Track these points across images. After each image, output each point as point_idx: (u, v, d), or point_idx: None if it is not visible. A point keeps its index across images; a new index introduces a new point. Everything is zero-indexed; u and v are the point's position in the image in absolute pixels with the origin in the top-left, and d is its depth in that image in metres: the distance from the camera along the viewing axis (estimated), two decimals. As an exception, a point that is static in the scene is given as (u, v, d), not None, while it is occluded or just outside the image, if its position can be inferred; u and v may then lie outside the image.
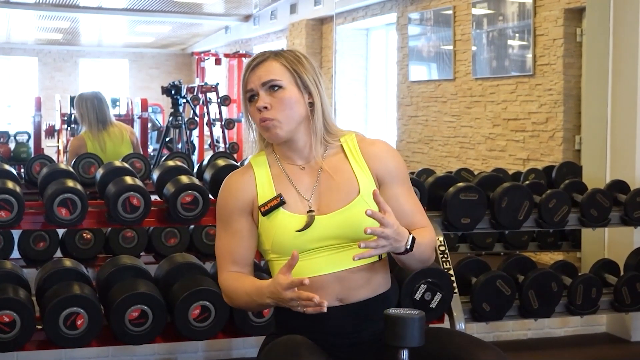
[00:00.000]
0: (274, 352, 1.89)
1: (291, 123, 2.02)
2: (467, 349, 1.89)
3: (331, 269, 2.00)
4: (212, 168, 3.70)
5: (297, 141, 2.05)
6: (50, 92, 16.64)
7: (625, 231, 4.40)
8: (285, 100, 2.01)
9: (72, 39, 17.84)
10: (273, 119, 2.00)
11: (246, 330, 3.23)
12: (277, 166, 2.08)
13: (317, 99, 2.05)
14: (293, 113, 2.02)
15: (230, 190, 2.08)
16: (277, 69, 2.03)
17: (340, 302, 2.01)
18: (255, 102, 2.03)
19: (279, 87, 2.01)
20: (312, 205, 2.02)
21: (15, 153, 8.10)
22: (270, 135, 2.02)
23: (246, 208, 2.06)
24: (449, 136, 8.46)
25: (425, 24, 8.97)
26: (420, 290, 3.24)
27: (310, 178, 2.05)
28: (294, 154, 2.07)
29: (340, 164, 2.06)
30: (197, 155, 9.48)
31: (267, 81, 2.01)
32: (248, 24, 14.24)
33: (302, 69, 2.04)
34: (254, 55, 2.09)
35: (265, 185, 2.05)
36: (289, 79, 2.03)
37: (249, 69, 2.05)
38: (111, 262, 3.37)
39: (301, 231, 1.98)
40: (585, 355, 4.26)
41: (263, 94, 2.01)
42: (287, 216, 2.00)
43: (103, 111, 5.04)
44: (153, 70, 19.47)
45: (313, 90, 2.04)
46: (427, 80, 9.00)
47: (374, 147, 2.09)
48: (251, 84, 2.03)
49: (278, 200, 2.01)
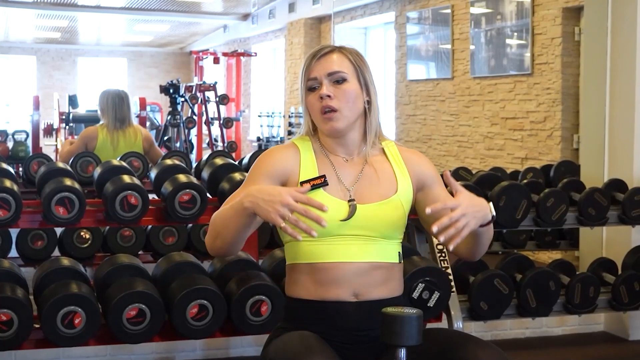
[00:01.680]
0: (284, 347, 1.89)
1: (351, 117, 2.06)
2: (466, 348, 1.89)
3: (354, 258, 2.01)
4: (210, 167, 3.70)
5: (349, 137, 2.09)
6: (49, 90, 16.64)
7: (623, 230, 4.40)
8: (349, 93, 2.05)
9: (70, 38, 17.84)
10: (336, 109, 2.03)
11: (244, 329, 3.22)
12: (322, 153, 2.10)
13: (374, 98, 2.10)
14: (354, 107, 2.06)
15: (273, 156, 2.09)
16: (343, 61, 2.07)
17: (356, 298, 2.02)
18: (316, 92, 2.05)
19: (343, 80, 2.05)
20: (352, 195, 2.04)
21: (13, 152, 8.09)
22: (330, 127, 2.05)
23: (279, 177, 2.05)
24: (447, 135, 8.47)
25: (424, 23, 8.97)
26: (418, 289, 3.24)
27: (354, 170, 2.09)
28: (340, 147, 2.10)
29: (383, 164, 2.11)
30: (195, 154, 9.48)
31: (333, 72, 2.05)
32: (246, 22, 14.24)
33: (364, 66, 2.09)
34: (319, 46, 2.11)
35: (309, 165, 2.07)
36: (352, 73, 2.07)
37: (314, 58, 2.07)
38: (109, 261, 3.37)
39: (346, 220, 1.99)
40: (583, 354, 4.26)
41: (327, 84, 2.04)
42: (326, 198, 2.01)
43: (123, 110, 5.07)
44: (151, 69, 19.47)
45: (372, 88, 2.10)
46: (425, 79, 9.01)
47: (413, 155, 2.16)
48: (315, 73, 2.06)
49: (322, 180, 2.02)
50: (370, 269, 2.03)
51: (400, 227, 2.08)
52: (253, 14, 13.74)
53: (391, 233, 2.05)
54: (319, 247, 2.02)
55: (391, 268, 2.06)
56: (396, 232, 2.07)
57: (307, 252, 2.03)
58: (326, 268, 2.01)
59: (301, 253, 2.04)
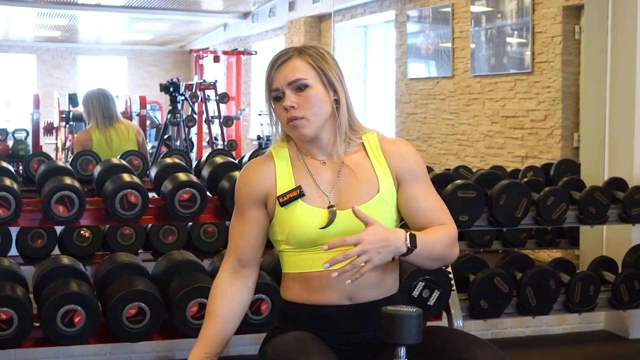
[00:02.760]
0: (282, 347, 1.89)
1: (318, 121, 2.01)
2: (465, 347, 1.88)
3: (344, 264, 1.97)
4: (210, 165, 3.70)
5: (321, 139, 2.05)
6: (49, 89, 16.64)
7: (624, 229, 4.40)
8: (312, 98, 2.00)
9: (70, 36, 17.82)
10: (302, 117, 1.99)
11: (243, 328, 3.22)
12: (299, 159, 2.07)
13: (342, 96, 2.04)
14: (320, 111, 2.01)
15: (248, 178, 2.08)
16: (302, 67, 2.01)
17: (350, 301, 2.01)
18: (281, 102, 2.02)
19: (305, 86, 2.00)
20: (331, 201, 2.02)
21: (13, 150, 8.10)
22: (298, 134, 2.02)
23: (260, 198, 2.05)
24: (447, 134, 8.46)
25: (424, 22, 8.96)
26: (418, 287, 3.23)
27: (331, 173, 2.05)
28: (317, 149, 2.07)
29: (362, 161, 2.06)
30: (195, 152, 9.47)
31: (293, 80, 2.00)
32: (247, 21, 14.23)
33: (326, 66, 2.03)
34: (278, 53, 2.06)
35: (285, 176, 2.05)
36: (314, 77, 2.01)
37: (274, 67, 2.03)
38: (109, 260, 3.37)
39: (325, 228, 1.97)
40: (583, 352, 4.26)
41: (289, 93, 2.00)
42: (305, 209, 2.00)
43: (109, 107, 5.11)
44: (151, 68, 19.45)
45: (338, 87, 2.04)
46: (425, 77, 9.00)
47: (394, 147, 2.08)
48: (276, 83, 2.02)
49: (297, 192, 2.00)
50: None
51: (387, 225, 1.99)
52: (253, 12, 13.73)
53: None
54: (307, 257, 2.01)
55: (384, 268, 2.02)
56: None
57: (296, 263, 2.03)
58: (316, 276, 2.00)
59: (291, 263, 2.04)
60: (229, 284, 2.10)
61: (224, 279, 2.11)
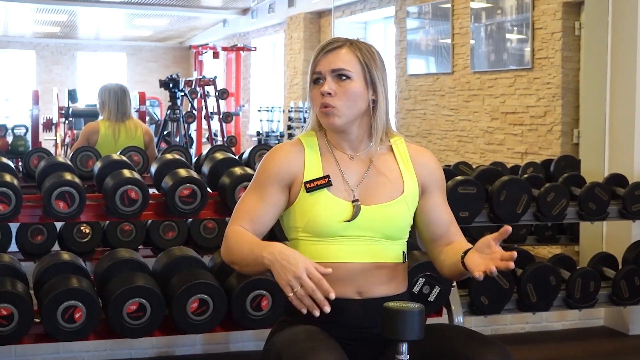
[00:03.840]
0: (291, 341, 1.88)
1: (350, 115, 2.03)
2: (468, 344, 1.88)
3: (359, 259, 2.00)
4: (210, 161, 3.70)
5: (351, 133, 2.06)
6: (48, 85, 16.62)
7: (624, 225, 4.40)
8: (350, 91, 2.01)
9: (69, 32, 17.81)
10: (334, 106, 2.01)
11: (244, 324, 3.22)
12: (328, 151, 2.09)
13: (381, 97, 2.05)
14: (354, 106, 2.03)
15: (277, 157, 2.08)
16: (350, 59, 2.03)
17: (359, 296, 2.01)
18: (320, 85, 2.03)
19: (347, 77, 2.02)
20: (357, 195, 2.03)
21: (12, 146, 8.09)
22: (328, 122, 2.03)
23: (286, 180, 2.05)
24: (447, 130, 8.46)
25: (424, 18, 8.96)
26: (419, 283, 3.23)
27: (359, 169, 2.07)
28: (345, 143, 2.08)
29: (389, 163, 2.09)
30: (195, 148, 9.47)
31: (337, 68, 2.02)
32: (246, 17, 14.22)
33: (373, 65, 2.05)
34: (330, 39, 2.08)
35: (314, 164, 2.05)
36: (358, 71, 2.03)
37: (322, 51, 2.05)
38: (109, 256, 3.37)
39: (349, 222, 1.99)
40: (583, 348, 4.26)
41: (330, 80, 2.02)
42: (330, 199, 2.01)
43: (125, 103, 5.16)
44: (151, 64, 19.44)
45: (379, 87, 2.05)
46: (425, 73, 9.00)
47: (421, 155, 2.12)
48: (320, 67, 2.04)
49: (326, 180, 2.02)
50: (374, 269, 2.02)
51: (405, 227, 2.07)
52: (252, 8, 13.73)
53: (396, 234, 2.04)
54: (323, 247, 2.01)
55: (395, 267, 2.05)
56: (401, 233, 2.06)
57: (311, 252, 2.02)
58: (331, 268, 2.00)
59: (306, 252, 2.03)
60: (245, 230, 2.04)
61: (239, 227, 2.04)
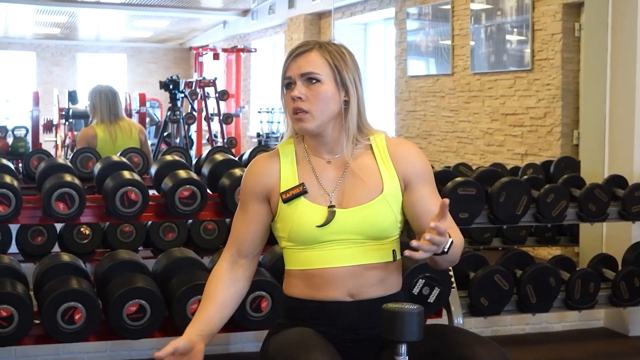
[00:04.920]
0: (284, 343, 1.89)
1: (322, 118, 2.02)
2: (467, 345, 1.88)
3: (345, 262, 2.00)
4: (210, 163, 3.70)
5: (325, 136, 2.06)
6: (48, 86, 16.62)
7: (623, 226, 4.40)
8: (321, 94, 2.01)
9: (70, 34, 17.80)
10: (306, 110, 2.01)
11: (244, 325, 3.23)
12: (304, 157, 2.09)
13: (353, 99, 2.04)
14: (326, 108, 2.02)
15: (252, 173, 2.11)
16: (319, 62, 2.02)
17: (352, 298, 2.02)
18: (291, 90, 2.03)
19: (317, 81, 2.01)
20: (333, 200, 2.03)
21: (13, 148, 8.09)
22: (300, 126, 2.03)
23: (263, 193, 2.08)
24: (447, 131, 8.46)
25: (424, 19, 8.96)
26: (419, 284, 3.24)
27: (335, 172, 2.06)
28: (322, 147, 2.08)
29: (367, 162, 2.07)
30: (195, 149, 9.47)
31: (306, 72, 2.01)
32: (246, 18, 14.22)
33: (344, 66, 2.03)
34: (300, 43, 2.08)
35: (289, 173, 2.06)
36: (328, 74, 2.02)
37: (291, 56, 2.05)
38: (109, 257, 3.37)
39: (321, 227, 1.99)
40: (583, 350, 4.26)
41: (300, 84, 2.02)
42: (307, 206, 2.01)
43: (116, 105, 5.17)
44: (151, 65, 19.44)
45: (351, 89, 2.04)
46: (425, 75, 9.00)
47: (401, 148, 2.09)
48: (290, 72, 2.04)
49: (300, 189, 2.02)
50: (364, 271, 2.02)
51: (390, 226, 2.03)
52: (253, 9, 13.73)
53: (380, 234, 2.02)
54: (309, 254, 2.02)
55: (386, 267, 2.04)
56: (386, 232, 2.03)
57: (299, 259, 2.04)
58: (319, 273, 2.02)
59: (293, 260, 2.06)
60: (228, 271, 2.13)
61: (224, 266, 2.14)
